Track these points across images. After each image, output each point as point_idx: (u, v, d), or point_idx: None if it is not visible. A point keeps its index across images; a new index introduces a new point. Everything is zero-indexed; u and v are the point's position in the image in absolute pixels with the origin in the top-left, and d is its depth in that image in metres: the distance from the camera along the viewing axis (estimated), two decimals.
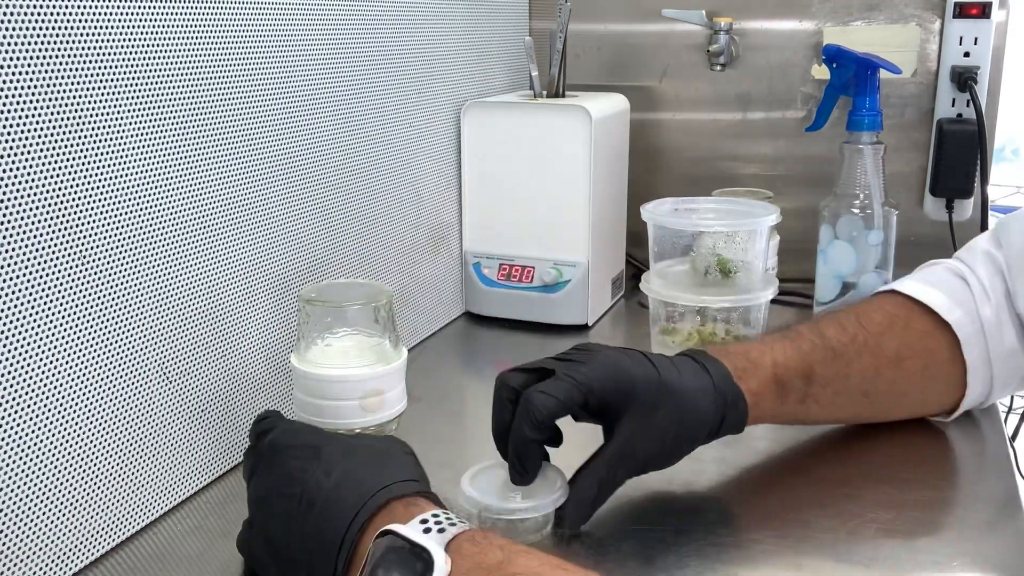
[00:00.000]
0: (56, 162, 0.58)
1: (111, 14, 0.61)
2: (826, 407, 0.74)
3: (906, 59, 1.17)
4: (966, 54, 1.15)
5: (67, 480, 0.61)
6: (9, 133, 0.54)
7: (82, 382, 0.61)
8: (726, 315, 0.98)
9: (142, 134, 0.64)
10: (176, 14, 0.66)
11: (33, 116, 0.56)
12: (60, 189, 0.58)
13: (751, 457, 0.80)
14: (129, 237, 0.64)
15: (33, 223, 0.56)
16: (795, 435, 0.84)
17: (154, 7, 0.64)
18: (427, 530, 0.48)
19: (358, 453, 0.55)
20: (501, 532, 0.54)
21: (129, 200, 0.64)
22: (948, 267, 0.79)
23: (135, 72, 0.63)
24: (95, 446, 0.63)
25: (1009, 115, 1.22)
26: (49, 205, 0.57)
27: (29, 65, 0.55)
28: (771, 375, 0.70)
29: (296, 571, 0.53)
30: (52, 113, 0.57)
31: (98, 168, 0.61)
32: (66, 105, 0.58)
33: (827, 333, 0.74)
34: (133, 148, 0.64)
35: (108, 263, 0.62)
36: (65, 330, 0.59)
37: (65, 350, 0.60)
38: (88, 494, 0.62)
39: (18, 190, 0.55)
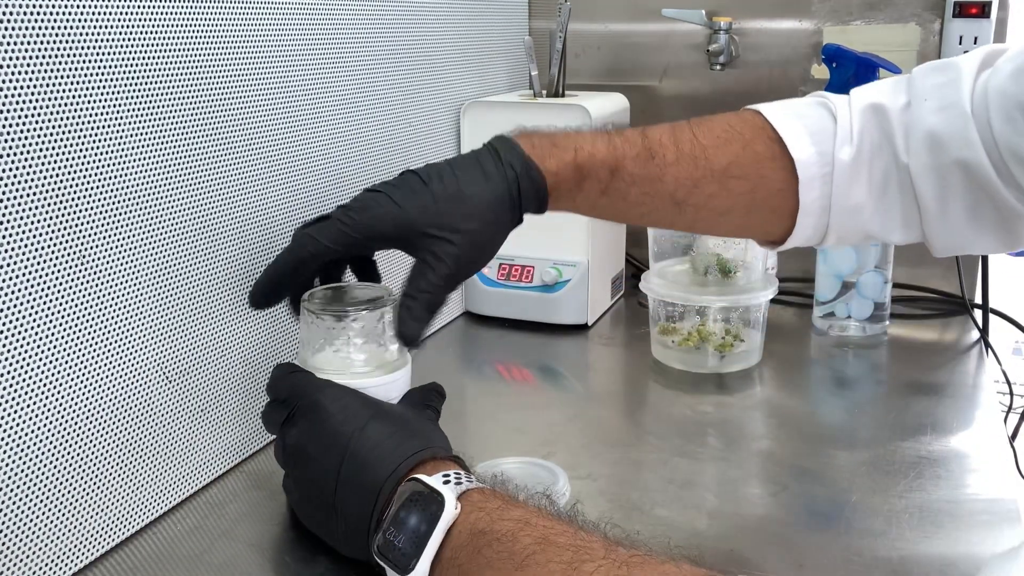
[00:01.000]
0: (56, 162, 0.58)
1: (111, 14, 0.61)
2: (634, 205, 0.71)
3: (906, 59, 1.17)
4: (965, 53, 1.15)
5: (67, 480, 0.61)
6: (9, 133, 0.54)
7: (82, 382, 0.61)
8: (726, 315, 0.98)
9: (142, 135, 0.64)
10: (176, 15, 0.66)
11: (33, 116, 0.56)
12: (60, 189, 0.58)
13: (751, 457, 0.80)
14: (129, 237, 0.64)
15: (33, 223, 0.56)
16: (795, 435, 0.84)
17: (154, 7, 0.64)
18: (447, 482, 0.55)
19: (397, 421, 0.63)
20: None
21: (129, 200, 0.64)
22: (820, 101, 0.72)
23: (135, 72, 0.63)
24: (95, 446, 0.63)
25: None
26: (49, 205, 0.57)
27: (29, 65, 0.55)
28: (572, 159, 0.69)
29: (329, 512, 0.61)
30: (52, 113, 0.57)
31: (98, 168, 0.61)
32: (66, 105, 0.58)
33: (651, 135, 0.71)
34: (133, 148, 0.64)
35: (108, 263, 0.62)
36: (65, 330, 0.59)
37: (65, 350, 0.60)
38: (88, 494, 0.62)
39: (18, 190, 0.55)
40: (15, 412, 0.56)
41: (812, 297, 1.09)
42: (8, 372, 0.56)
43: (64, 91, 0.58)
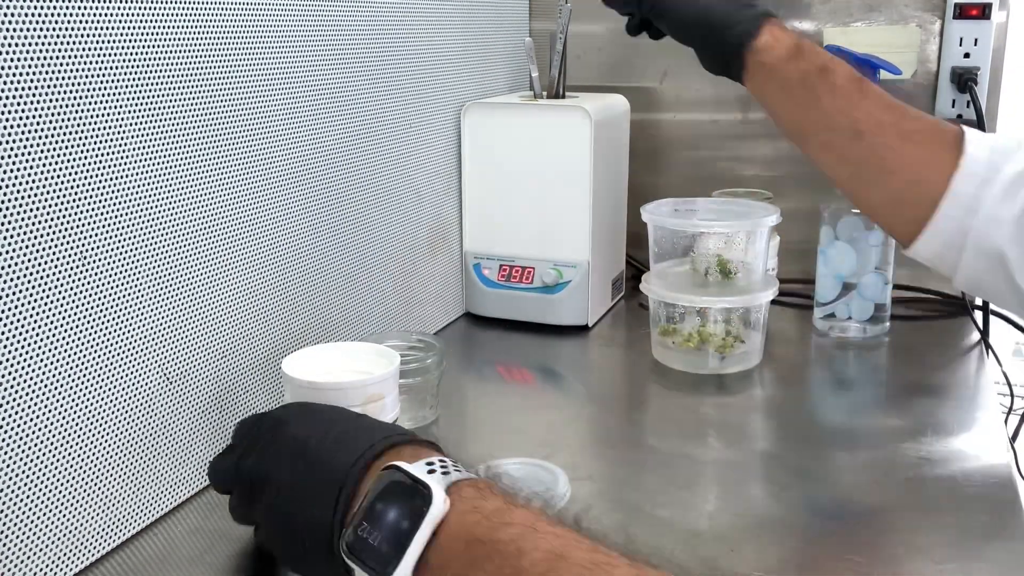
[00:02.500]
0: (57, 162, 0.58)
1: (113, 14, 0.61)
2: (823, 112, 0.76)
3: (906, 60, 1.17)
4: (966, 55, 1.15)
5: (68, 480, 0.61)
6: (10, 133, 0.54)
7: (82, 382, 0.61)
8: (726, 316, 0.98)
9: (143, 135, 0.64)
10: (178, 15, 0.67)
11: (34, 117, 0.56)
12: (61, 189, 0.58)
13: (751, 457, 0.80)
14: (129, 237, 0.64)
15: (33, 222, 0.56)
16: (795, 436, 0.84)
17: (156, 7, 0.64)
18: (431, 471, 0.48)
19: (364, 417, 0.58)
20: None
21: (130, 200, 0.64)
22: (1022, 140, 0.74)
23: (136, 73, 0.63)
24: (95, 446, 0.63)
25: (1009, 115, 1.22)
26: (49, 205, 0.57)
27: (31, 65, 0.55)
28: (793, 42, 0.79)
29: (296, 525, 0.52)
30: (54, 113, 0.57)
31: (99, 168, 0.61)
32: (67, 105, 0.58)
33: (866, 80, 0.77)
34: (134, 149, 0.64)
35: (108, 263, 0.62)
36: (65, 330, 0.59)
37: (65, 350, 0.60)
38: (88, 495, 0.62)
39: (18, 190, 0.55)
40: (15, 412, 0.56)
41: (812, 298, 1.09)
42: (8, 372, 0.56)
43: (66, 91, 0.58)
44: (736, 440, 0.84)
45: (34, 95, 0.56)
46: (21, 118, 0.55)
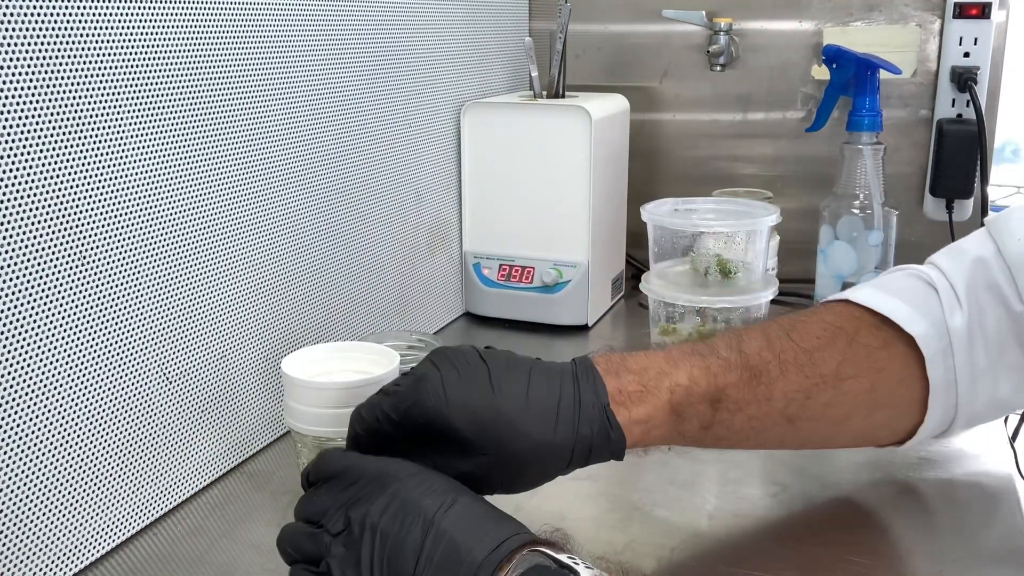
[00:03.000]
0: (56, 162, 0.58)
1: (111, 14, 0.61)
2: (739, 433, 0.62)
3: (906, 59, 1.17)
4: (966, 54, 1.15)
5: (67, 480, 0.61)
6: (9, 133, 0.54)
7: (82, 382, 0.61)
8: (726, 315, 0.98)
9: (142, 134, 0.64)
10: (176, 15, 0.67)
11: (34, 116, 0.56)
12: (60, 189, 0.58)
13: (751, 457, 0.80)
14: (129, 237, 0.64)
15: (33, 223, 0.56)
16: None
17: (154, 7, 0.64)
18: (574, 562, 0.46)
19: (485, 502, 0.52)
20: None
21: (129, 200, 0.64)
22: (912, 272, 0.68)
23: (135, 72, 0.63)
24: (95, 446, 0.63)
25: (1009, 115, 1.22)
26: (49, 205, 0.57)
27: (30, 65, 0.55)
28: (666, 401, 0.59)
29: None
30: (53, 113, 0.57)
31: (98, 169, 0.61)
32: (66, 105, 0.58)
33: (748, 349, 0.62)
34: (133, 148, 0.64)
35: (108, 263, 0.62)
36: (65, 330, 0.59)
37: (65, 350, 0.60)
38: (88, 494, 0.62)
39: (18, 190, 0.55)
40: (15, 412, 0.56)
41: (812, 298, 1.09)
42: (8, 372, 0.56)
43: (65, 91, 0.58)
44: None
45: (33, 95, 0.56)
46: (20, 118, 0.55)
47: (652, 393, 0.59)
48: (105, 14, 0.60)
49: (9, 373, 0.56)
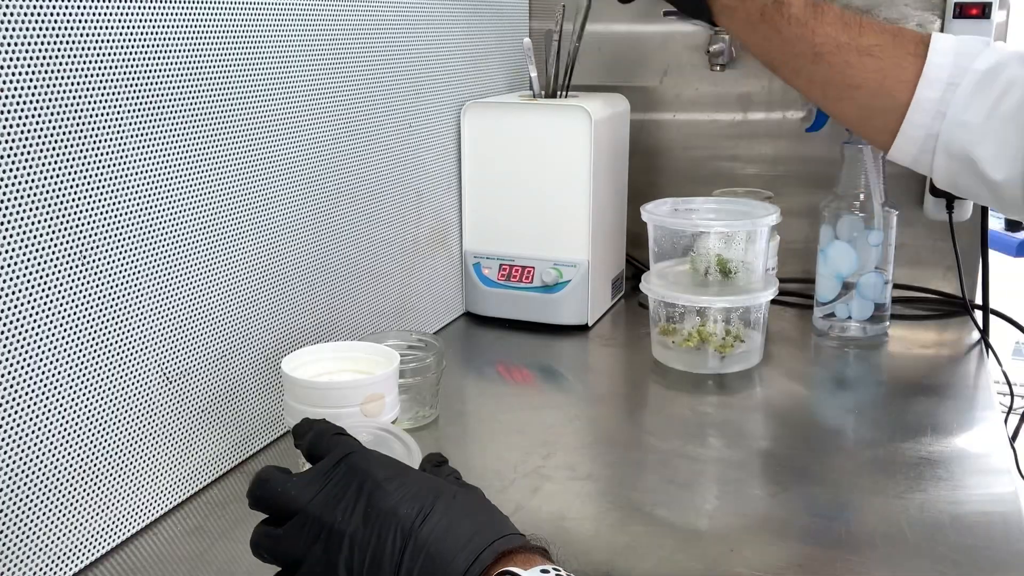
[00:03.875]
0: (56, 162, 0.58)
1: (111, 14, 0.61)
2: (783, 42, 0.82)
3: None
4: None
5: (67, 480, 0.61)
6: (10, 133, 0.54)
7: (82, 382, 0.61)
8: (726, 315, 0.98)
9: (142, 135, 0.64)
10: (176, 15, 0.66)
11: (34, 117, 0.56)
12: (60, 189, 0.58)
13: (751, 457, 0.80)
14: (129, 238, 0.64)
15: (33, 223, 0.56)
16: (795, 436, 0.84)
17: (154, 7, 0.64)
18: (544, 572, 0.45)
19: (467, 501, 0.49)
20: None
21: (129, 201, 0.64)
22: (988, 40, 0.78)
23: (135, 73, 0.63)
24: (95, 446, 0.63)
25: None
26: (49, 205, 0.57)
27: (30, 66, 0.55)
28: None
29: None
30: (53, 114, 0.57)
31: (98, 169, 0.61)
32: (67, 105, 0.58)
33: None
34: (134, 149, 0.64)
35: (108, 263, 0.62)
36: (65, 330, 0.59)
37: (65, 350, 0.60)
38: (88, 494, 0.62)
39: (18, 190, 0.55)
40: (15, 412, 0.56)
41: (812, 298, 1.09)
42: (8, 372, 0.56)
43: (65, 92, 0.58)
44: (736, 440, 0.84)
45: (33, 95, 0.56)
46: (20, 118, 0.55)
47: None
48: (105, 14, 0.60)
49: (9, 373, 0.56)
